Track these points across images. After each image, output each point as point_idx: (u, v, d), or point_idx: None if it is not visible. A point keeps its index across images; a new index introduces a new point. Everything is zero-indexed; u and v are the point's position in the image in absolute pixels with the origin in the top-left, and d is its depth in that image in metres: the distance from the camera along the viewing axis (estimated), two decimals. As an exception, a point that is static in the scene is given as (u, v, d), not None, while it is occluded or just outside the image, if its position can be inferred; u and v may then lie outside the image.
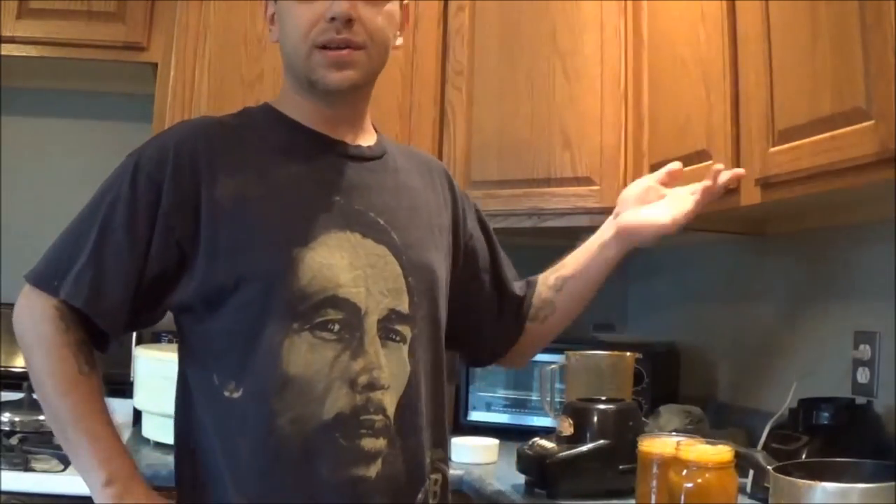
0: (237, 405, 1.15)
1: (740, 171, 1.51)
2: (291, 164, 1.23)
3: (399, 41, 1.31)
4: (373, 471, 1.16)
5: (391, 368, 1.19)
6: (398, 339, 1.21)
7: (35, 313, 1.18)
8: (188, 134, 1.23)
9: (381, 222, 1.24)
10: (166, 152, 1.19)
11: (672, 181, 1.48)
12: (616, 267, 1.47)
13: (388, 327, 1.20)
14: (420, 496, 1.22)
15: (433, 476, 1.26)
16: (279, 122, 1.27)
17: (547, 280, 1.50)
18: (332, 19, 1.18)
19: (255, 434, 1.14)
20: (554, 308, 1.48)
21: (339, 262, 1.18)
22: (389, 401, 1.18)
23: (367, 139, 1.32)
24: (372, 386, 1.16)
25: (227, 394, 1.16)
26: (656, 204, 1.44)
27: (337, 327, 1.16)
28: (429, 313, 1.27)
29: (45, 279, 1.19)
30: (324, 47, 1.20)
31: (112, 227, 1.17)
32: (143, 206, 1.17)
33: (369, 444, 1.16)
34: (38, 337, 1.17)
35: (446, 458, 1.32)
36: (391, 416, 1.18)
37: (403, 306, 1.22)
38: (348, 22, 1.18)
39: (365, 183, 1.26)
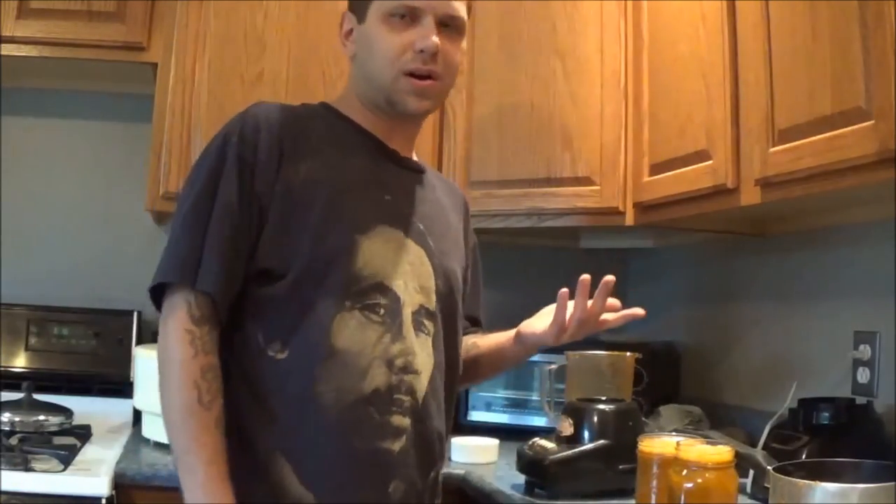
0: (280, 365, 1.24)
1: (639, 311, 1.45)
2: (354, 158, 1.34)
3: None
4: (397, 445, 1.26)
5: (422, 356, 1.30)
6: (426, 332, 1.32)
7: (168, 333, 1.24)
8: (273, 115, 1.31)
9: (421, 227, 1.36)
10: (256, 131, 1.28)
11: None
12: (512, 363, 1.55)
13: (418, 320, 1.31)
14: (432, 474, 1.34)
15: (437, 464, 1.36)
16: (344, 121, 1.38)
17: (467, 342, 1.53)
18: (421, 51, 1.30)
19: (295, 395, 1.23)
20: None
21: (387, 254, 1.29)
22: (419, 385, 1.29)
23: (413, 155, 1.45)
24: (406, 369, 1.27)
25: (270, 353, 1.24)
26: (553, 317, 1.42)
27: (382, 311, 1.27)
28: (448, 315, 1.37)
29: (176, 274, 1.23)
30: (410, 74, 1.31)
31: (223, 209, 1.24)
32: (241, 182, 1.25)
33: (397, 420, 1.26)
34: (170, 361, 1.23)
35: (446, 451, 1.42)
36: (419, 399, 1.29)
37: (431, 304, 1.34)
38: (434, 55, 1.31)
39: (411, 190, 1.39)
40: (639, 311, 1.45)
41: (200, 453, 1.16)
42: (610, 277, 1.38)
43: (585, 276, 1.39)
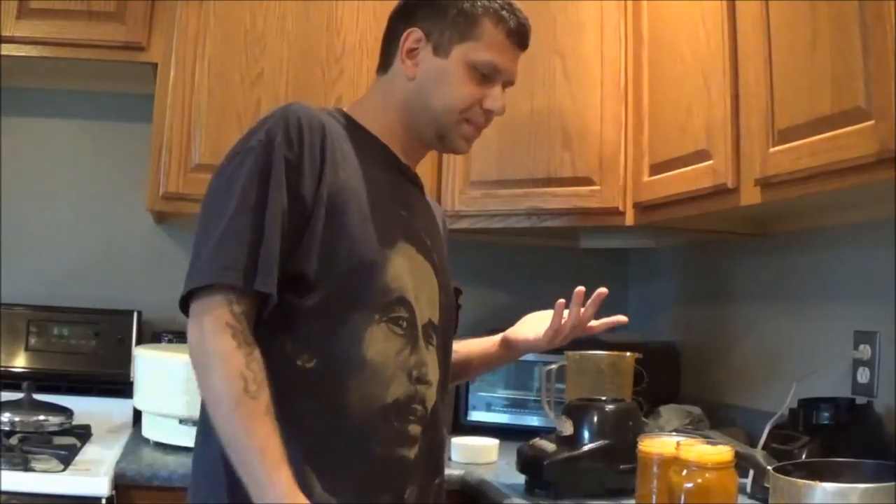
0: (309, 374, 1.25)
1: (622, 318, 1.62)
2: (378, 170, 1.36)
3: None
4: (412, 453, 1.31)
5: (432, 368, 1.36)
6: (433, 344, 1.37)
7: (206, 329, 1.18)
8: (313, 119, 1.29)
9: (429, 243, 1.41)
10: (299, 133, 1.26)
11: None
12: (494, 367, 1.75)
13: (427, 333, 1.36)
14: (437, 481, 1.39)
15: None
16: (364, 132, 1.39)
17: None
18: (489, 111, 1.40)
19: (324, 404, 1.25)
20: None
21: (405, 268, 1.33)
22: (430, 395, 1.35)
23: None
24: (421, 380, 1.33)
25: (298, 363, 1.25)
26: (542, 325, 1.58)
27: (405, 324, 1.31)
28: (447, 329, 1.43)
29: (233, 276, 1.19)
30: (468, 120, 1.40)
31: (278, 213, 1.22)
32: (289, 186, 1.23)
33: (413, 429, 1.31)
34: (212, 355, 1.17)
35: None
36: (429, 409, 1.34)
37: (436, 318, 1.38)
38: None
39: (418, 206, 1.44)
40: (621, 318, 1.62)
41: (251, 443, 1.13)
42: (603, 290, 1.55)
43: (580, 288, 1.55)
